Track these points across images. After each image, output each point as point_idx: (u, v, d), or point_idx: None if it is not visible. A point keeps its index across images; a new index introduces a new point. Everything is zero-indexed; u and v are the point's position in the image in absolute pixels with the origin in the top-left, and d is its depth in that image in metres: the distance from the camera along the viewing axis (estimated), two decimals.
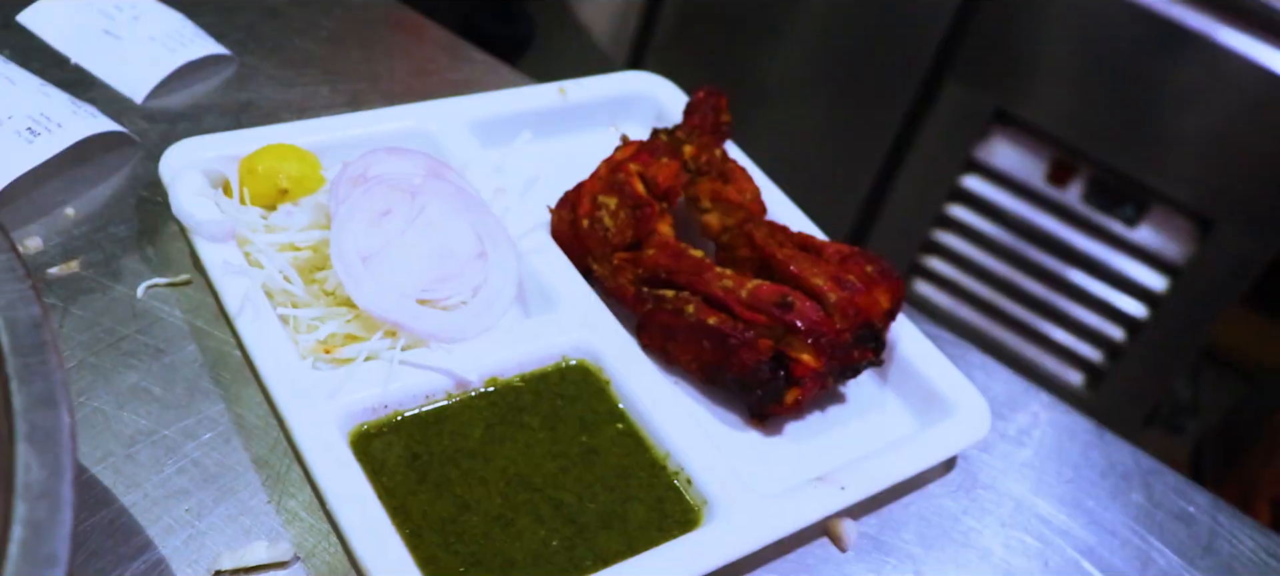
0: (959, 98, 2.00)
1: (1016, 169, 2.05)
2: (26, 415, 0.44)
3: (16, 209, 0.79)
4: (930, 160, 2.09)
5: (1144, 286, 2.00)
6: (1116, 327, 2.05)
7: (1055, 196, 2.04)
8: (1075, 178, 2.04)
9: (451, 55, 1.07)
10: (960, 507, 0.81)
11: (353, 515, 0.65)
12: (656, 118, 1.04)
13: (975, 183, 2.08)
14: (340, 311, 0.77)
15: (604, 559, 0.69)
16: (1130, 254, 2.01)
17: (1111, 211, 2.02)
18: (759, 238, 0.87)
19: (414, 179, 0.82)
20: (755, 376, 0.80)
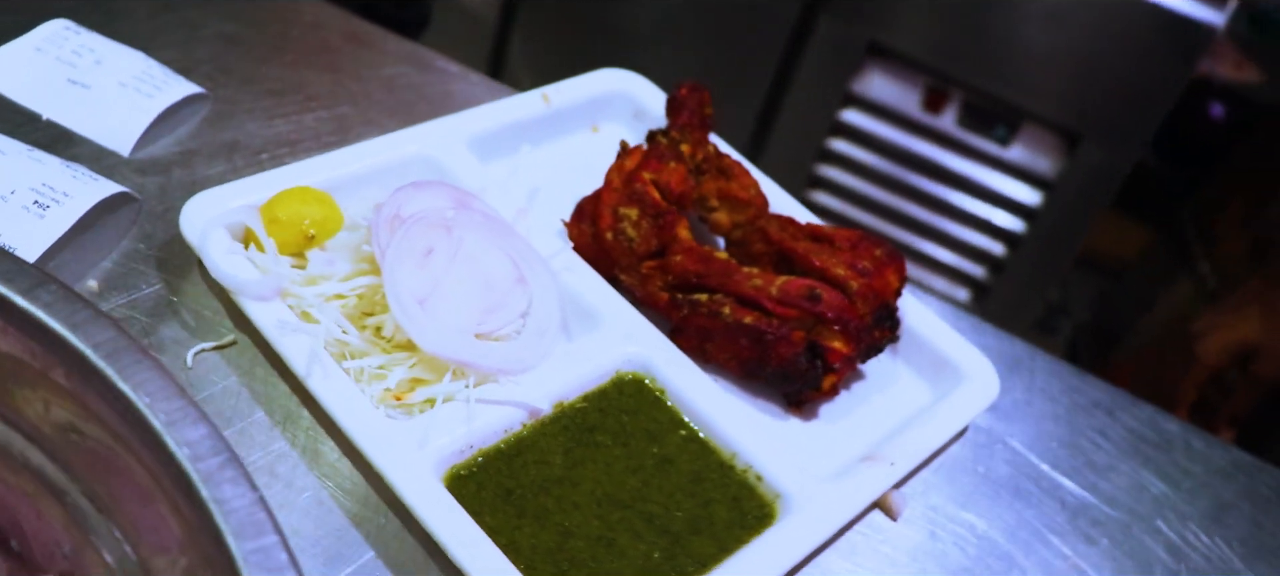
0: (833, 32, 2.10)
1: (892, 99, 2.17)
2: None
3: None
4: (810, 97, 2.19)
5: (1020, 202, 2.16)
6: (997, 243, 2.20)
7: (931, 123, 2.17)
8: (949, 103, 2.17)
9: (416, 65, 1.08)
10: (975, 456, 0.90)
11: (475, 560, 0.69)
12: (634, 115, 1.08)
13: (854, 116, 2.19)
14: (402, 356, 0.80)
15: (703, 563, 0.75)
16: (1005, 172, 2.16)
17: (985, 133, 2.16)
18: (774, 233, 0.93)
19: (446, 213, 0.85)
20: (794, 367, 0.87)
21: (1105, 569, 0.86)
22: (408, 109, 1.02)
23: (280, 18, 1.08)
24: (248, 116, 0.97)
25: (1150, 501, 0.93)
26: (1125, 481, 0.94)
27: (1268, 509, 0.96)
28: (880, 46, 2.11)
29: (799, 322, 0.88)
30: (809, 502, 0.79)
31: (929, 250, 2.24)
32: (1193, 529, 0.92)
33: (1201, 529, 0.92)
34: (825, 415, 0.89)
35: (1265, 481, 0.98)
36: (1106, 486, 0.92)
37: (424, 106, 1.04)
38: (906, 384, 0.94)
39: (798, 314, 0.88)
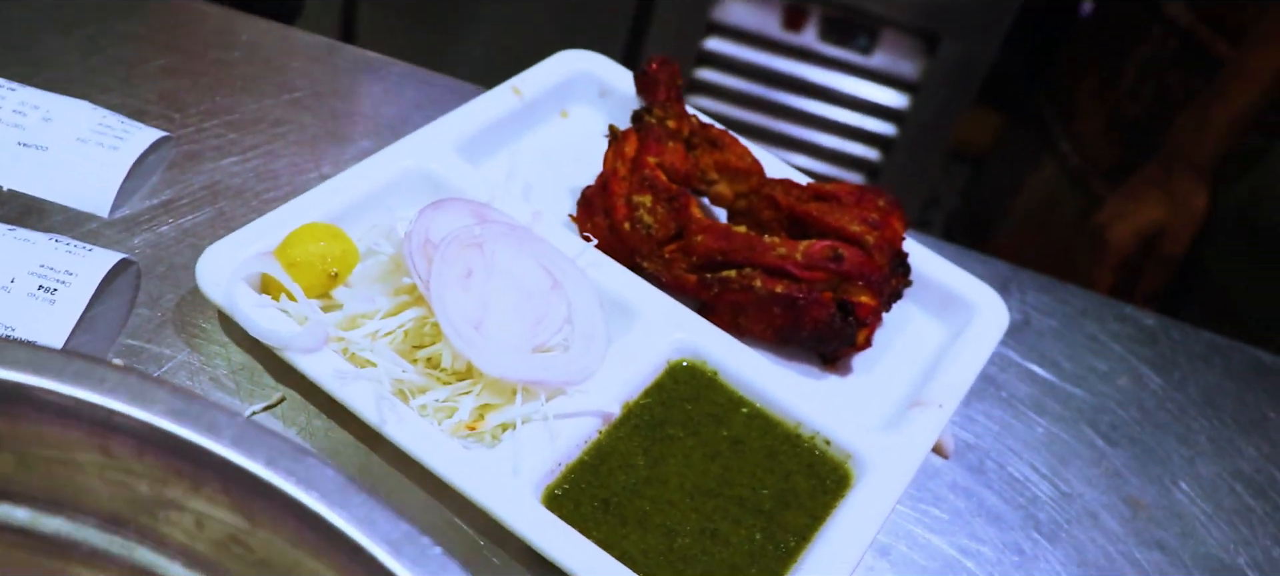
0: None
1: (753, 23, 2.23)
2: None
3: None
4: (672, 30, 2.22)
5: (888, 106, 2.26)
6: (871, 149, 2.30)
7: (793, 41, 2.24)
8: (808, 21, 2.24)
9: (369, 72, 1.06)
10: (994, 381, 0.96)
11: (556, 551, 0.70)
12: (601, 95, 1.09)
13: (717, 44, 2.23)
14: (465, 385, 0.80)
15: (802, 535, 0.78)
16: (871, 79, 2.25)
17: (847, 44, 2.24)
18: (783, 199, 0.96)
19: (474, 231, 0.84)
20: (829, 328, 0.90)
21: (1132, 466, 0.94)
22: (372, 117, 1.00)
23: (215, 42, 1.03)
24: (218, 154, 0.93)
25: (1152, 396, 1.01)
26: (1127, 380, 1.01)
27: (1248, 384, 1.05)
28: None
29: (826, 284, 0.91)
30: (880, 458, 0.83)
31: (806, 165, 2.31)
32: (1192, 414, 1.00)
33: (1200, 413, 1.01)
34: (858, 368, 0.93)
35: (1238, 359, 1.08)
36: (1113, 389, 1.00)
37: (389, 110, 1.02)
38: (920, 324, 0.99)
39: (824, 276, 0.91)
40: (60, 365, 0.52)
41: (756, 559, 0.76)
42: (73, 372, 0.52)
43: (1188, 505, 0.92)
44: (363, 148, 0.98)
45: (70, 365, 0.52)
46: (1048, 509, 0.88)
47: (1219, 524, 0.91)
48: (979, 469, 0.89)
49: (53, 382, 0.52)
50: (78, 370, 0.52)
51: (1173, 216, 1.52)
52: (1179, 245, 1.52)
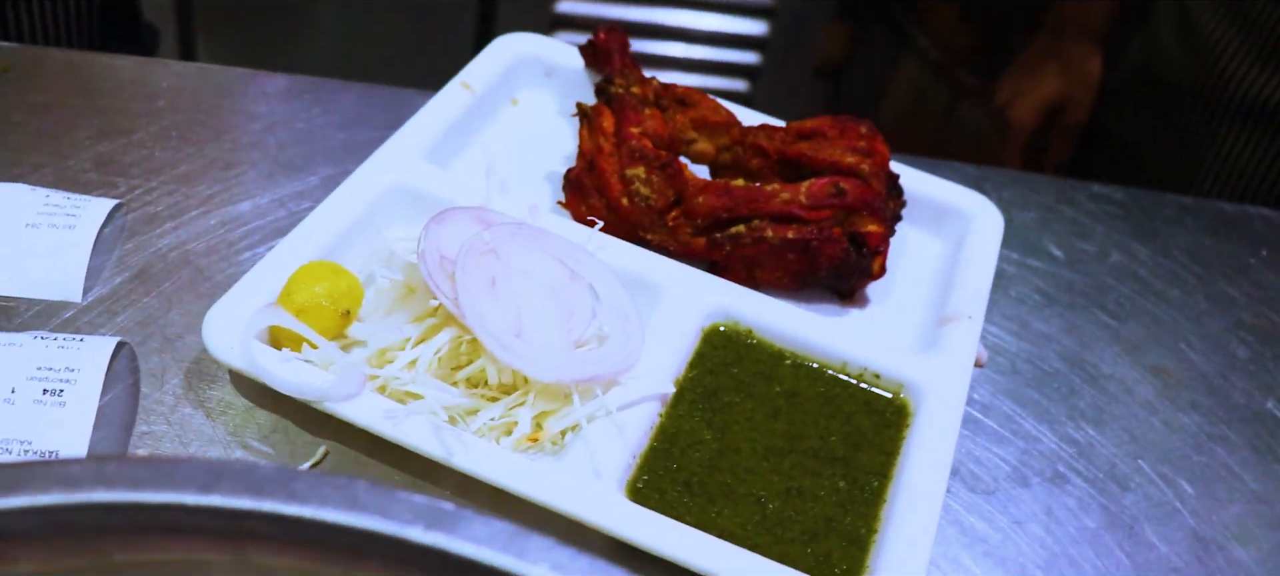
0: None
1: None
2: None
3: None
4: None
5: (751, 35, 2.28)
6: (739, 80, 2.32)
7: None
8: None
9: (302, 96, 1.01)
10: (1004, 281, 0.98)
11: (720, 563, 0.70)
12: (547, 76, 1.07)
13: (570, 5, 2.22)
14: (515, 398, 0.77)
15: (882, 474, 0.79)
16: (728, 12, 2.27)
17: None
18: (769, 144, 0.96)
19: (484, 237, 0.82)
20: (846, 263, 0.91)
21: (1146, 337, 0.97)
22: (319, 140, 0.97)
23: (135, 94, 0.97)
24: (176, 211, 0.88)
25: (1143, 266, 1.04)
26: (1118, 255, 1.05)
27: (1222, 236, 1.10)
28: None
29: (833, 220, 0.92)
30: (931, 382, 0.84)
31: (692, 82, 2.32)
32: (1183, 276, 1.05)
33: (1189, 274, 1.05)
34: (874, 298, 0.94)
35: (1205, 215, 1.13)
36: (1107, 267, 1.03)
37: (334, 131, 0.98)
38: (918, 242, 1.00)
39: (830, 212, 0.92)
40: (178, 474, 0.48)
41: (848, 506, 0.77)
42: (197, 481, 0.48)
43: (1205, 363, 0.96)
44: (324, 174, 0.94)
45: (190, 473, 0.48)
46: (1086, 395, 0.91)
47: (1238, 375, 0.95)
48: (1013, 371, 0.91)
49: (183, 496, 0.48)
50: (195, 476, 0.48)
51: (1071, 86, 1.57)
52: (1081, 112, 1.58)
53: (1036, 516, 0.81)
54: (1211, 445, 0.89)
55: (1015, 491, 0.82)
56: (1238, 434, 0.90)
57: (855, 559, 0.74)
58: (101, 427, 0.72)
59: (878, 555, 0.73)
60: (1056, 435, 0.87)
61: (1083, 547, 0.79)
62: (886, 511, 0.76)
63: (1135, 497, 0.83)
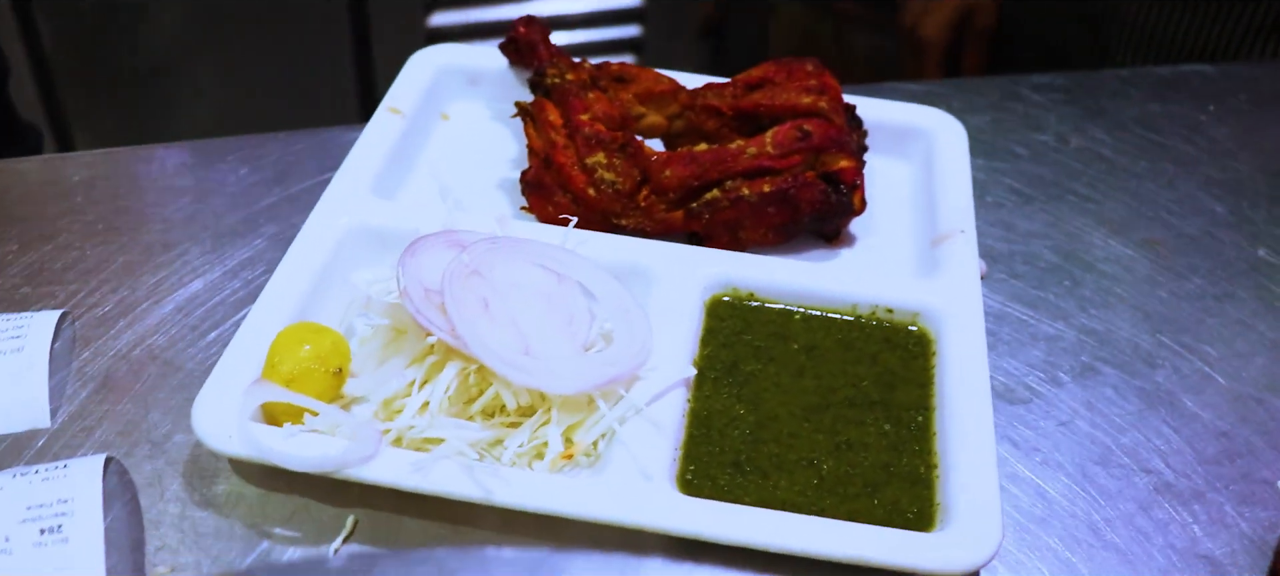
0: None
1: None
2: None
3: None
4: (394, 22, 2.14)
5: (627, 8, 2.26)
6: (626, 55, 2.30)
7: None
8: None
9: (221, 161, 0.96)
10: (977, 189, 0.98)
11: (794, 537, 0.67)
12: (470, 83, 1.03)
13: (442, 17, 2.17)
14: (535, 419, 0.74)
15: (923, 406, 0.77)
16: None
17: None
18: (723, 103, 0.94)
19: (463, 260, 0.78)
20: (827, 205, 0.89)
21: (1127, 213, 0.97)
22: (254, 199, 0.91)
23: (49, 195, 0.91)
24: (125, 307, 0.82)
25: (1104, 144, 1.05)
26: (1076, 139, 1.05)
27: (1165, 99, 1.11)
28: None
29: (803, 165, 0.90)
30: (946, 305, 0.82)
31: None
32: (1144, 145, 1.05)
33: (1149, 142, 1.06)
34: (859, 233, 0.93)
35: (1145, 82, 1.14)
36: (1071, 153, 1.04)
37: (267, 187, 0.93)
38: (885, 168, 0.99)
39: (800, 157, 0.90)
40: None
41: (900, 448, 0.75)
42: None
43: (1189, 226, 0.97)
44: (269, 233, 0.89)
45: None
46: (1088, 283, 0.90)
47: (1223, 230, 0.96)
48: (1013, 276, 0.91)
49: None
50: None
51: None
52: (990, 16, 1.59)
53: (1079, 413, 0.80)
54: (1220, 305, 0.89)
55: (1051, 394, 0.81)
56: (1241, 288, 0.91)
57: (923, 499, 0.72)
58: (113, 555, 0.67)
59: (945, 490, 0.71)
60: (1074, 329, 0.86)
61: (1131, 433, 0.79)
62: (940, 444, 0.74)
63: (1166, 372, 0.83)
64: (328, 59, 1.89)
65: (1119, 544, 0.72)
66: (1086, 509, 0.74)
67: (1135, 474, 0.76)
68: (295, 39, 1.86)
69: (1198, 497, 0.75)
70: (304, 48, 1.87)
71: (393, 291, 0.79)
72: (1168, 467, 0.77)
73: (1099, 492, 0.75)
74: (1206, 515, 0.74)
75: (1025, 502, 0.74)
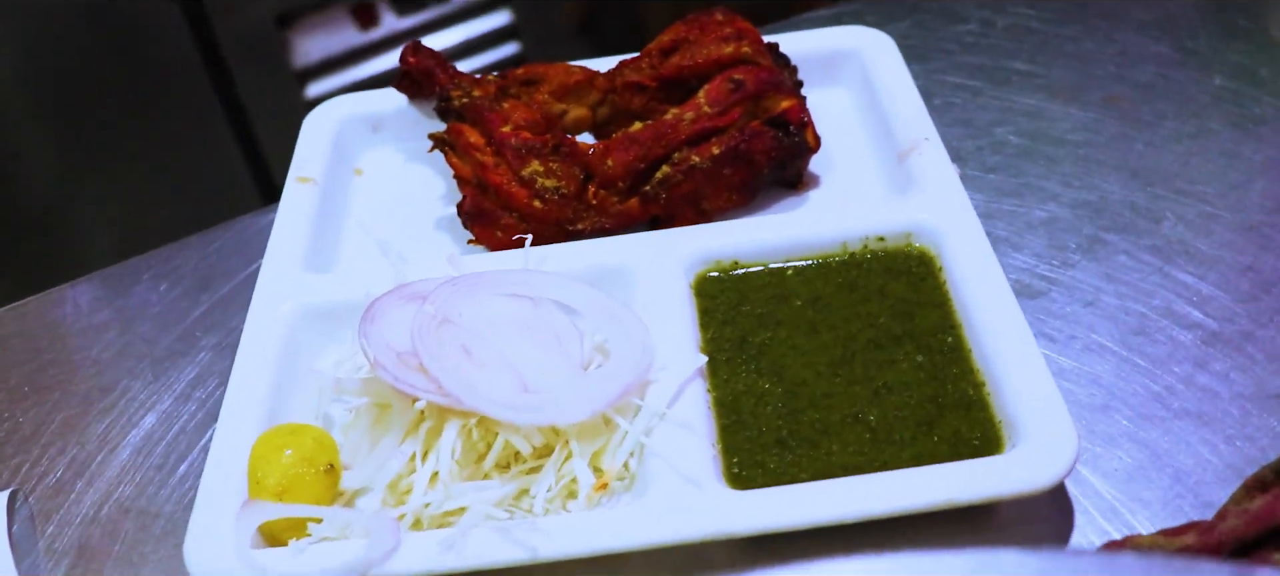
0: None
1: (336, 45, 2.07)
2: None
3: None
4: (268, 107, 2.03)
5: (502, 27, 2.17)
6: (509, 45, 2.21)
7: (379, 34, 2.10)
8: (378, 7, 2.11)
9: (138, 282, 0.87)
10: (926, 93, 0.93)
11: (867, 500, 0.61)
12: (373, 129, 0.95)
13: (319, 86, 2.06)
14: (555, 458, 0.67)
15: (950, 326, 0.72)
16: (473, 16, 2.16)
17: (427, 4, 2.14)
18: (645, 76, 0.88)
19: (427, 311, 0.70)
20: (783, 148, 0.83)
21: (1075, 76, 0.94)
22: (183, 312, 0.83)
23: None
24: (79, 466, 0.74)
25: (1030, 15, 1.01)
26: (1001, 19, 1.01)
27: None
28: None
29: (745, 115, 0.84)
30: (936, 216, 0.78)
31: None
32: (1066, 8, 1.01)
33: (1067, 2, 1.02)
34: (821, 171, 0.88)
35: None
36: (1003, 32, 1.00)
37: (194, 298, 0.84)
38: (824, 99, 0.94)
39: (739, 109, 0.84)
40: None
41: (939, 377, 0.69)
42: None
43: (1141, 73, 0.94)
44: (210, 344, 0.80)
45: None
46: (1064, 157, 0.87)
47: (1174, 69, 0.94)
48: (990, 168, 0.87)
49: None
50: None
51: None
52: None
53: (1101, 289, 0.76)
54: (1198, 143, 0.86)
55: (1067, 277, 0.77)
56: (1212, 120, 0.88)
57: (982, 421, 0.66)
58: None
59: (1002, 405, 0.66)
60: (1066, 206, 0.82)
61: (1159, 294, 0.75)
62: (979, 360, 0.69)
63: (1170, 223, 0.79)
64: (215, 155, 1.78)
65: (1188, 408, 0.68)
66: (1144, 382, 0.69)
67: (1178, 332, 0.72)
68: (176, 146, 1.74)
69: (1248, 338, 0.71)
70: (187, 152, 1.76)
71: (362, 366, 0.72)
72: (1209, 317, 0.72)
73: (1150, 362, 0.70)
74: (1262, 353, 0.70)
75: (1081, 394, 0.69)
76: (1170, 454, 0.65)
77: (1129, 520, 0.63)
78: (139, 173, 1.74)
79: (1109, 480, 0.65)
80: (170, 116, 1.72)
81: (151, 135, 1.71)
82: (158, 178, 1.74)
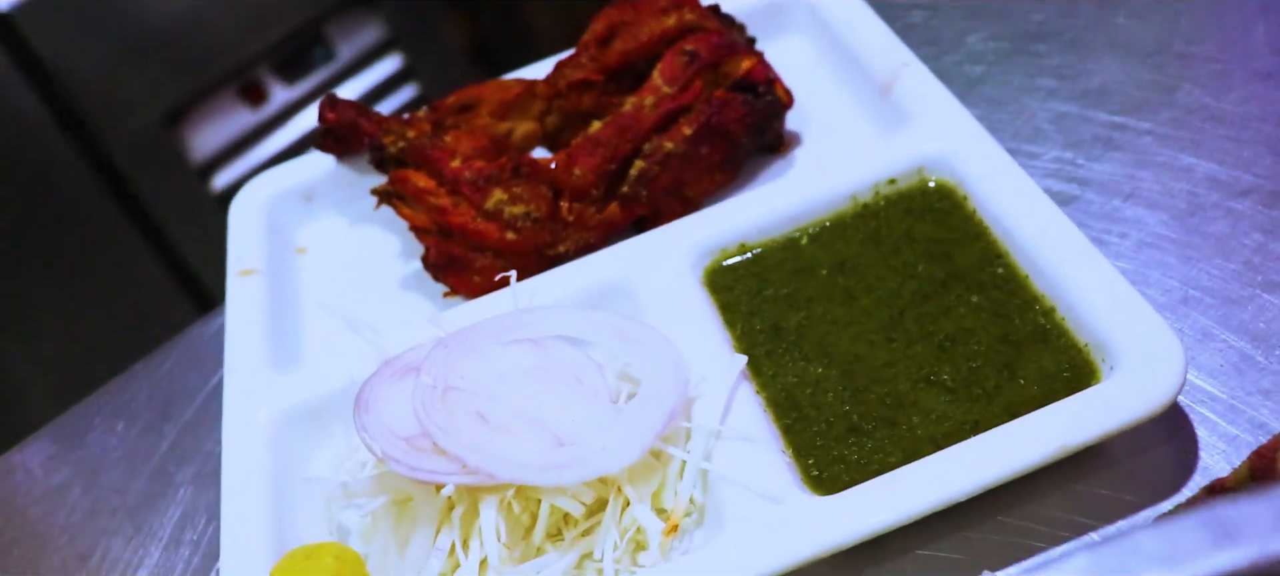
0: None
1: (228, 133, 1.94)
2: None
3: None
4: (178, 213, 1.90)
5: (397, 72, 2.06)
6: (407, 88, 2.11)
7: (270, 111, 1.98)
8: (263, 86, 2.00)
9: (100, 420, 0.75)
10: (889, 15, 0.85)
11: (973, 472, 0.53)
12: (306, 200, 0.84)
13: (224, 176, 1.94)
14: (610, 509, 0.57)
15: (995, 256, 0.64)
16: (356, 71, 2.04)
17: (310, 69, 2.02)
18: (589, 71, 0.79)
19: (426, 383, 0.60)
20: (756, 112, 0.75)
21: None
22: (149, 449, 0.72)
23: None
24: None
25: None
26: None
27: None
28: None
29: (707, 87, 0.75)
30: (943, 142, 0.70)
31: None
32: None
33: None
34: (800, 127, 0.79)
35: None
36: None
37: (154, 432, 0.73)
38: (780, 50, 0.85)
39: (700, 81, 0.75)
40: None
41: (1002, 313, 0.62)
42: None
43: None
44: (187, 477, 0.70)
45: None
46: (1050, 51, 0.80)
47: None
48: (976, 80, 0.79)
49: None
50: None
51: None
52: None
53: (1138, 178, 0.69)
54: (1181, 1, 0.78)
55: (1097, 173, 0.69)
56: None
57: (1065, 350, 0.59)
58: None
59: (1081, 328, 0.58)
60: (1071, 100, 0.76)
61: (1200, 166, 0.68)
62: (1041, 285, 0.61)
63: (1185, 89, 0.73)
64: (138, 274, 1.64)
65: (1274, 277, 0.60)
66: (1216, 264, 0.62)
67: (1233, 202, 0.65)
68: (94, 276, 1.61)
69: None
70: (107, 279, 1.62)
71: (367, 463, 0.62)
72: (1260, 178, 0.66)
73: (1215, 242, 0.63)
74: None
75: (1154, 293, 0.62)
76: (1273, 331, 0.58)
77: (1253, 415, 0.55)
78: (62, 313, 1.60)
79: (1217, 378, 0.57)
80: (80, 246, 1.59)
81: (66, 271, 1.58)
82: (83, 313, 1.61)
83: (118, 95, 1.55)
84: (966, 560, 0.54)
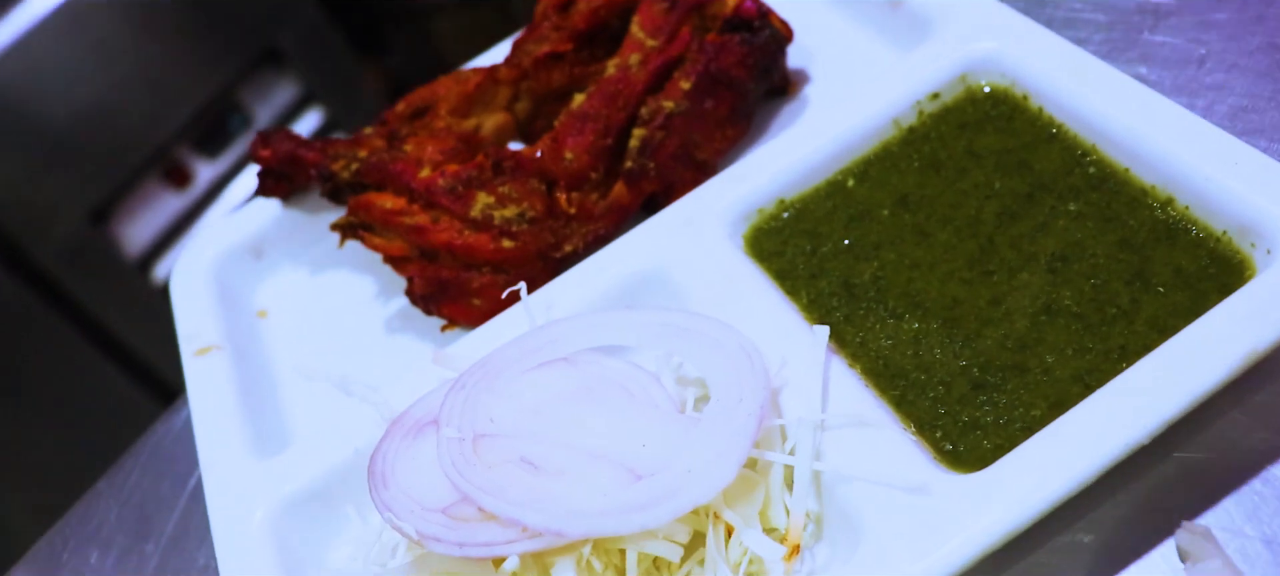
0: None
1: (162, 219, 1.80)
2: None
3: None
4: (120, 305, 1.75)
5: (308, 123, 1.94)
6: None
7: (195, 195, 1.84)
8: (186, 169, 1.86)
9: (72, 548, 0.62)
10: None
11: (1145, 411, 0.42)
12: (257, 257, 0.71)
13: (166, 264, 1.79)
14: (712, 539, 0.46)
15: (1081, 154, 0.54)
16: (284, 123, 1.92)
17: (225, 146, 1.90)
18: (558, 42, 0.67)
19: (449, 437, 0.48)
20: (758, 50, 0.64)
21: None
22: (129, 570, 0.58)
23: None
24: None
25: None
26: None
27: None
28: None
29: (697, 31, 0.64)
30: (993, 39, 0.59)
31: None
32: None
33: None
34: (804, 61, 0.68)
35: None
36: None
37: (135, 550, 0.60)
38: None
39: (687, 27, 0.64)
40: None
41: (1110, 216, 0.52)
42: None
43: None
44: None
45: None
46: None
47: None
48: None
49: None
50: None
51: None
52: None
53: (1205, 31, 0.57)
54: None
55: (1157, 39, 0.59)
56: None
57: (1201, 243, 0.48)
58: None
59: (1212, 211, 0.48)
60: None
61: None
62: (1145, 175, 0.50)
63: None
64: (90, 380, 1.50)
65: None
66: None
67: None
68: (45, 391, 1.46)
69: None
70: (60, 390, 1.47)
71: (398, 544, 0.49)
72: None
73: None
74: None
75: None
76: None
77: None
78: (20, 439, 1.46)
79: None
80: (26, 364, 1.45)
81: (14, 391, 1.44)
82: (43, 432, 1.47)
83: (38, 203, 1.41)
84: (1150, 511, 0.43)
